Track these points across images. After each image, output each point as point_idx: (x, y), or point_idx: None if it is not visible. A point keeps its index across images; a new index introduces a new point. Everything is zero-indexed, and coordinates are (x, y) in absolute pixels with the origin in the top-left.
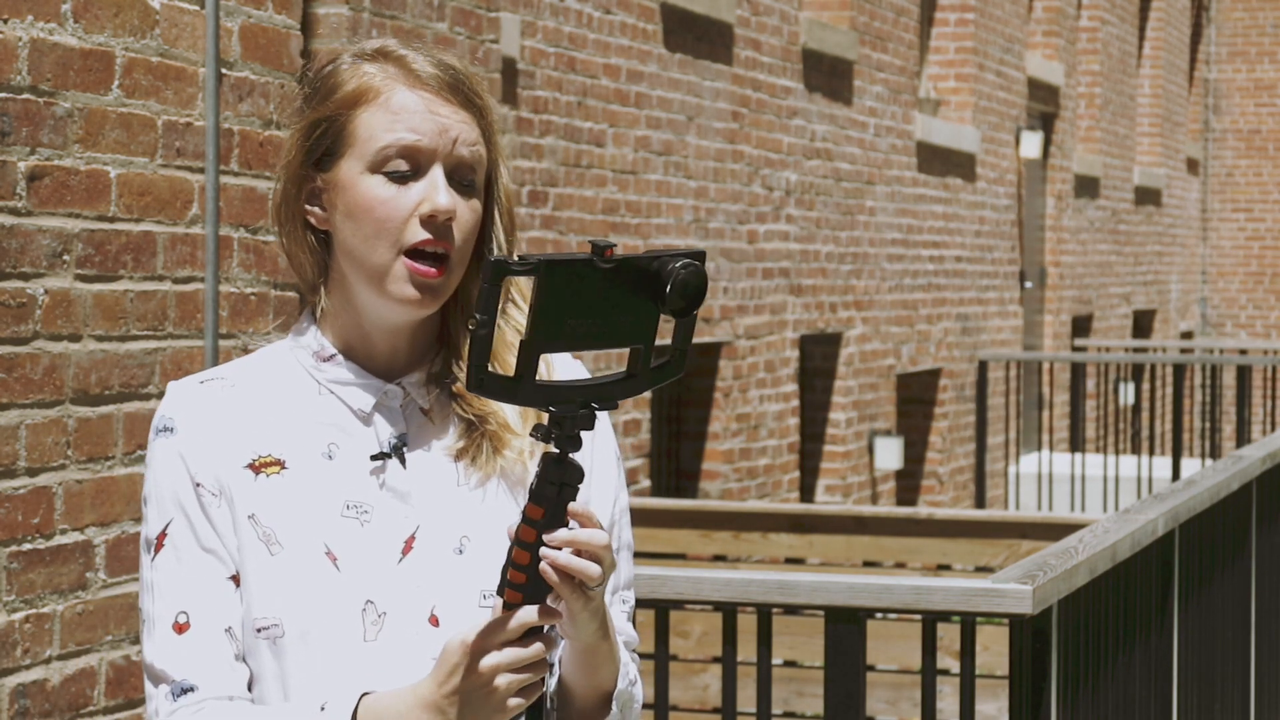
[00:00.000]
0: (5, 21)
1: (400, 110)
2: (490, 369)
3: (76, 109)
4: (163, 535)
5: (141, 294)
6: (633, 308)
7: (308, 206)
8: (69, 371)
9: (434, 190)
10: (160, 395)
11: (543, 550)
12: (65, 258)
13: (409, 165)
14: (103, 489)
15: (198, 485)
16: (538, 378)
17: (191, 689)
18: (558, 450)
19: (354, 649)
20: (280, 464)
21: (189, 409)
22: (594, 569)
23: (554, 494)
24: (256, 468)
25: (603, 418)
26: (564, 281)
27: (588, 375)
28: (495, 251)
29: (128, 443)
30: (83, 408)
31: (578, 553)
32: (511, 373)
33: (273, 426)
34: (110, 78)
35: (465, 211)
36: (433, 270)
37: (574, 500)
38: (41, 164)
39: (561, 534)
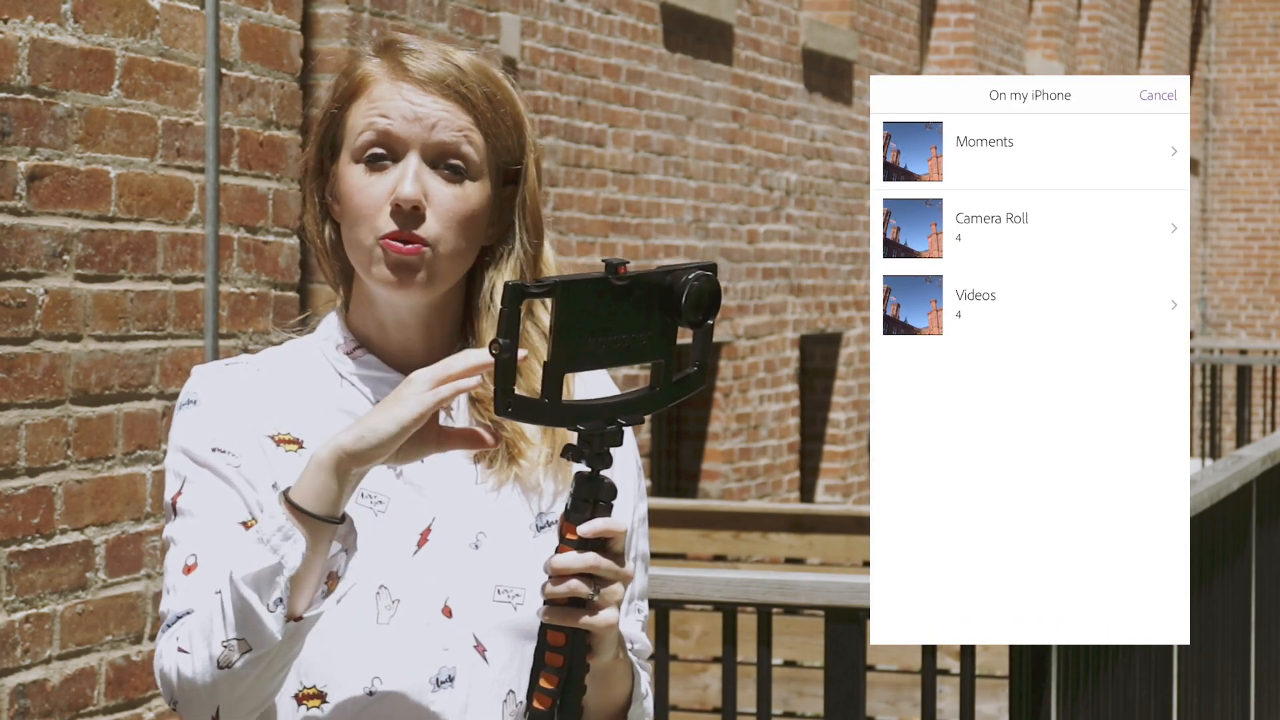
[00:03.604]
0: (5, 21)
1: (378, 99)
2: (517, 392)
3: (76, 109)
4: (177, 496)
5: (141, 294)
6: (650, 323)
7: (329, 200)
8: (69, 371)
9: (401, 179)
10: (160, 395)
11: (553, 569)
12: (65, 258)
13: (384, 151)
14: (103, 489)
15: (214, 449)
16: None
17: (189, 612)
18: (589, 468)
19: (367, 629)
20: (298, 443)
21: (213, 386)
22: (584, 590)
23: (587, 511)
24: (276, 441)
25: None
26: (581, 301)
27: (616, 390)
28: (520, 250)
29: (128, 443)
30: (83, 408)
31: (605, 552)
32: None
33: (293, 409)
34: (110, 78)
35: (447, 198)
36: (405, 247)
37: (608, 516)
38: (41, 164)
39: (595, 523)
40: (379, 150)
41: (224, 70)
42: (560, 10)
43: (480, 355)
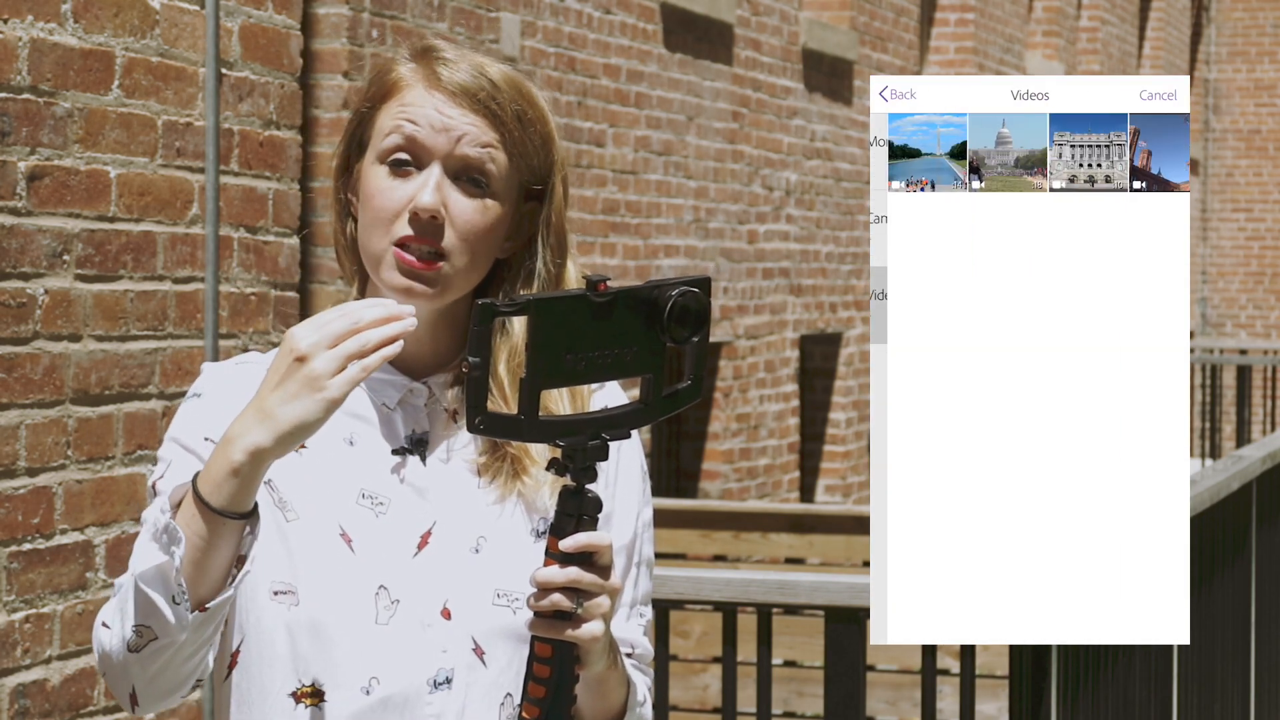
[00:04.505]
0: (5, 21)
1: (409, 104)
2: (490, 410)
3: (76, 109)
4: (159, 479)
5: (141, 294)
6: (637, 338)
7: (350, 196)
8: (69, 371)
9: (422, 187)
10: (160, 395)
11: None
12: (65, 258)
13: (408, 157)
14: (103, 489)
15: (206, 439)
16: (543, 413)
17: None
18: (574, 483)
19: (365, 629)
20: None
21: (219, 381)
22: (566, 604)
23: (571, 526)
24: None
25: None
26: (557, 318)
27: (625, 400)
28: (542, 268)
29: (128, 443)
30: (83, 408)
31: (589, 566)
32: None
33: None
34: (110, 78)
35: (466, 211)
36: (417, 262)
37: (592, 530)
38: (41, 164)
39: (578, 538)
40: (403, 155)
41: (224, 70)
42: (560, 10)
43: (388, 306)
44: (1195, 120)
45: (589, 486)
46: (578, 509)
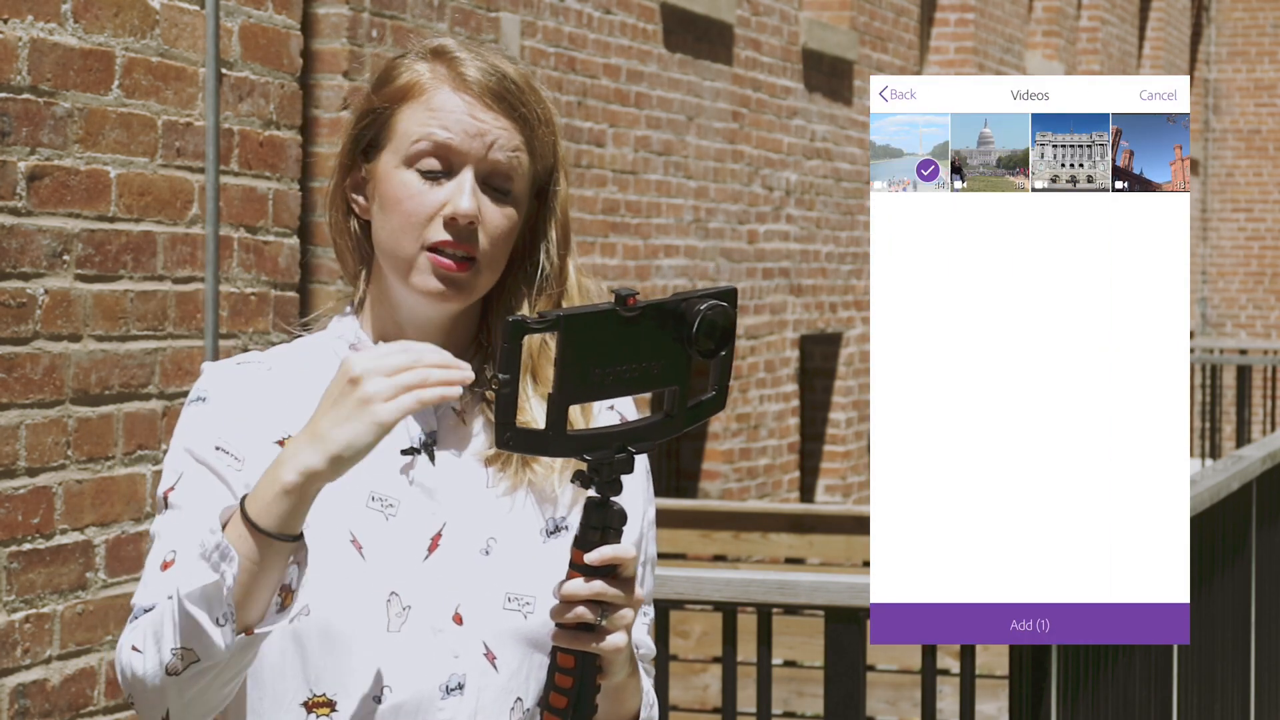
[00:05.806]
0: (5, 21)
1: (438, 109)
2: (518, 425)
3: (76, 109)
4: (170, 490)
5: (141, 294)
6: (663, 351)
7: (353, 195)
8: (69, 371)
9: (458, 193)
10: (160, 395)
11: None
12: (65, 258)
13: (441, 164)
14: (103, 489)
15: (217, 448)
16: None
17: (152, 608)
18: (599, 495)
19: (377, 638)
20: None
21: (224, 384)
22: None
23: (596, 539)
24: (284, 445)
25: None
26: (586, 334)
27: (635, 411)
28: (546, 262)
29: (128, 443)
30: (83, 408)
31: (613, 579)
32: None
33: (303, 410)
34: (110, 78)
35: (495, 217)
36: (453, 265)
37: (617, 544)
38: (41, 164)
39: (603, 551)
40: (434, 162)
41: (224, 70)
42: (560, 10)
43: (445, 355)
44: (1195, 120)
45: (613, 499)
46: (602, 522)
